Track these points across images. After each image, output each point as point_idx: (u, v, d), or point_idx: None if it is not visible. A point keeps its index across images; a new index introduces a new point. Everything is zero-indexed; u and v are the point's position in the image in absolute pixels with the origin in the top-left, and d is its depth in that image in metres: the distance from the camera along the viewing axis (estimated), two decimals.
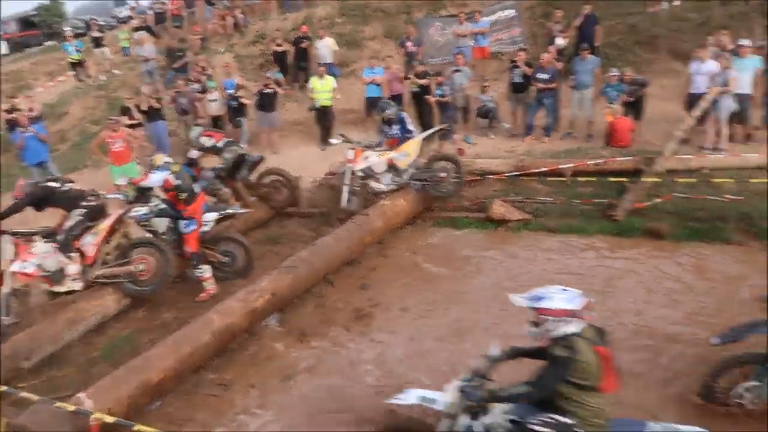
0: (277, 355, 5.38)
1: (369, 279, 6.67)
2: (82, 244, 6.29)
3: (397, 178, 8.08)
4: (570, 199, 8.01)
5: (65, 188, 6.53)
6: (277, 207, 8.64)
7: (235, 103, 11.96)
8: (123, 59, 17.74)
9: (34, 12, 27.33)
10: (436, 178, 7.99)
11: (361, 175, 8.07)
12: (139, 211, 6.61)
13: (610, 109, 10.23)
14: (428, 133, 8.48)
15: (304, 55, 14.23)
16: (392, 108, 8.40)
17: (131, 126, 10.92)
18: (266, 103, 11.85)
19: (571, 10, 12.89)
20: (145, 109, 11.53)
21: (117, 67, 17.14)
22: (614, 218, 7.37)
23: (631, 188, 7.85)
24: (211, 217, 6.75)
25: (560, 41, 12.42)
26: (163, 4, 18.59)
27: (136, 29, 17.61)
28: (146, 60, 15.14)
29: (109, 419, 3.82)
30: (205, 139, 8.22)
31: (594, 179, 8.34)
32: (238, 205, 7.90)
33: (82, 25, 23.20)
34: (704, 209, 7.25)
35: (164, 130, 11.86)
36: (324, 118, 11.95)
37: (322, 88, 11.77)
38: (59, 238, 6.22)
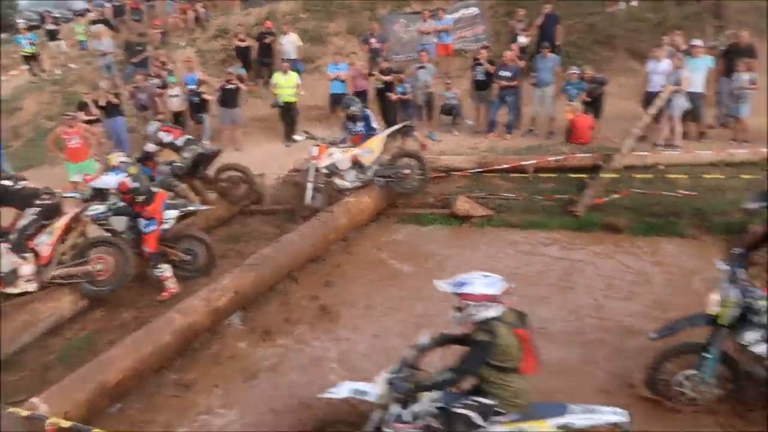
0: (241, 354, 5.33)
1: (334, 276, 6.66)
2: (37, 243, 6.08)
3: (362, 175, 8.08)
4: (532, 195, 8.15)
5: (18, 186, 6.29)
6: (236, 202, 8.48)
7: (196, 98, 11.75)
8: (80, 53, 17.23)
9: None
10: (401, 175, 8.02)
11: (326, 172, 8.04)
12: (97, 209, 6.43)
13: (570, 107, 10.44)
14: (392, 129, 8.52)
15: (268, 50, 14.09)
16: (357, 105, 8.40)
17: (88, 122, 10.61)
18: (228, 99, 11.69)
19: (534, 9, 13.08)
20: (103, 104, 11.23)
21: (73, 61, 16.64)
22: (574, 213, 7.53)
23: (591, 184, 8.04)
24: (172, 214, 6.61)
25: (522, 39, 12.59)
26: None
27: (93, 22, 17.10)
28: (104, 54, 14.76)
29: (65, 424, 3.72)
30: (163, 135, 8.05)
31: (555, 175, 8.51)
32: (198, 202, 7.78)
33: (37, 17, 22.35)
34: (660, 204, 7.48)
35: (123, 126, 11.57)
36: (288, 115, 11.85)
37: (286, 84, 11.66)
38: (12, 238, 6.00)
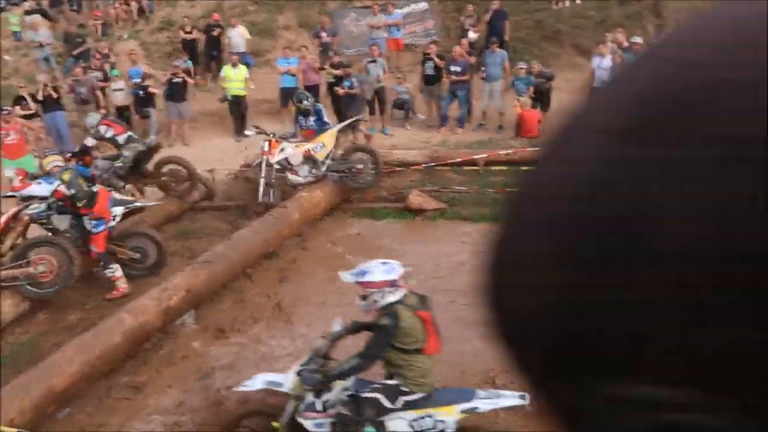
0: (194, 354, 5.23)
1: (289, 272, 6.61)
2: None
3: (315, 170, 8.02)
4: (483, 188, 8.29)
5: None
6: (180, 197, 8.15)
7: (141, 92, 11.39)
8: (14, 44, 16.41)
9: None
10: (354, 170, 8.02)
11: (278, 167, 7.95)
12: (37, 207, 6.16)
13: (519, 101, 10.66)
14: (344, 124, 8.51)
15: (216, 43, 13.78)
16: (309, 99, 8.33)
17: (26, 117, 10.16)
18: (175, 92, 11.38)
19: (482, 5, 13.26)
20: (41, 98, 10.76)
21: (7, 53, 15.83)
22: None
23: None
24: (118, 211, 6.39)
25: (472, 35, 12.75)
26: None
27: (28, 12, 16.31)
28: (41, 46, 14.11)
29: (11, 431, 3.58)
30: (103, 129, 7.68)
31: (505, 168, 8.68)
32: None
33: None
34: None
35: (64, 120, 11.10)
36: (237, 109, 11.64)
37: (236, 78, 11.46)
38: None
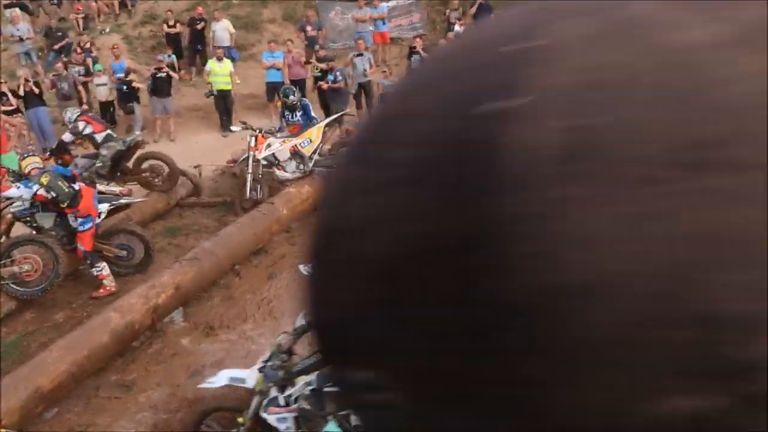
0: (184, 351, 5.22)
1: (277, 268, 6.60)
2: None
3: (302, 166, 8.01)
4: None
5: None
6: (164, 192, 8.01)
7: (125, 87, 11.27)
8: None
9: None
10: None
11: (265, 163, 7.91)
12: (20, 205, 6.08)
13: None
14: (331, 119, 8.48)
15: (200, 37, 13.64)
16: (295, 94, 8.30)
17: (7, 113, 10.02)
18: (160, 87, 11.26)
19: None
20: (22, 94, 10.60)
21: None
22: None
23: None
24: (102, 208, 6.33)
25: (458, 28, 12.77)
26: None
27: (6, 6, 16.03)
28: (21, 40, 13.88)
29: None
30: (82, 125, 7.54)
31: None
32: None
33: None
34: None
35: (46, 116, 10.95)
36: (223, 104, 11.55)
37: (221, 72, 11.37)
38: None
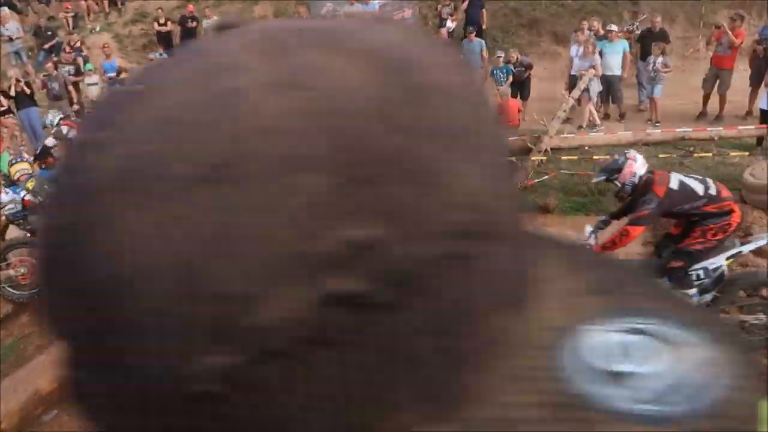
0: None
1: None
2: None
3: None
4: None
5: None
6: None
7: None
8: None
9: None
10: None
11: None
12: (13, 209, 6.04)
13: (498, 91, 10.70)
14: None
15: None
16: None
17: None
18: None
19: None
20: (13, 94, 10.51)
21: None
22: None
23: (521, 167, 8.31)
24: None
25: (449, 24, 12.76)
26: None
27: None
28: (11, 40, 13.76)
29: None
30: (65, 129, 7.48)
31: None
32: None
33: None
34: (585, 184, 7.83)
35: (37, 117, 10.85)
36: None
37: None
38: None
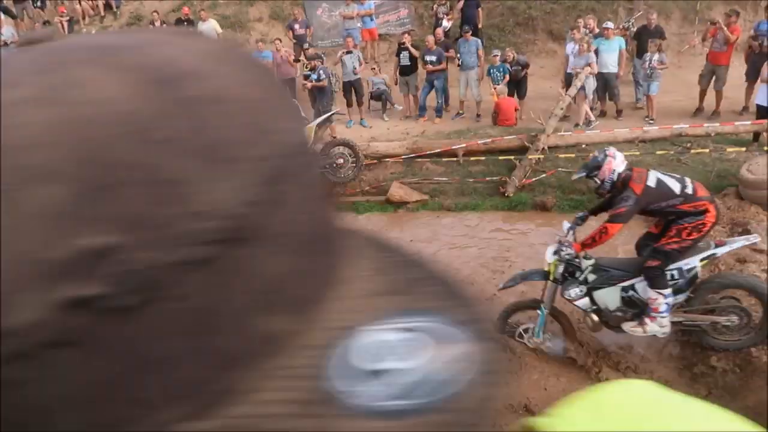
0: None
1: None
2: None
3: None
4: (464, 178, 8.36)
5: None
6: None
7: None
8: None
9: None
10: (335, 164, 8.03)
11: None
12: None
13: (495, 90, 10.72)
14: (321, 119, 8.47)
15: None
16: None
17: None
18: None
19: None
20: None
21: None
22: (505, 194, 7.81)
23: (519, 165, 8.34)
24: None
25: (446, 23, 12.76)
26: None
27: None
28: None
29: None
30: None
31: (484, 158, 8.75)
32: None
33: None
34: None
35: None
36: None
37: None
38: None
